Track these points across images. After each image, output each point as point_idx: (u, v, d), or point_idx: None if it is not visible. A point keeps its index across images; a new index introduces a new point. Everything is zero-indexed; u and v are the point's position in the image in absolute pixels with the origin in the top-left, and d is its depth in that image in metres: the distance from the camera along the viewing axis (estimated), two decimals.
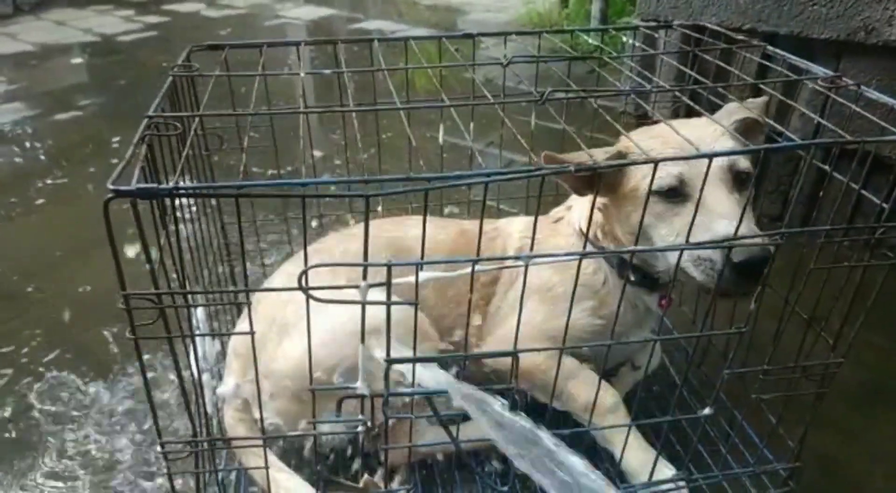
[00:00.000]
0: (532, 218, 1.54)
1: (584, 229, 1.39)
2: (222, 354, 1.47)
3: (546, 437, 1.07)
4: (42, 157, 3.30)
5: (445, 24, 5.84)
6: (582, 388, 1.37)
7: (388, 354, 1.02)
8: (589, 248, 1.36)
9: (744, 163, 1.20)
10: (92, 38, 5.66)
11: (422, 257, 0.96)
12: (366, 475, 1.30)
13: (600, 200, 1.33)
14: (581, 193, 1.28)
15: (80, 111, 3.92)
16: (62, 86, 4.43)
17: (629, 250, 1.09)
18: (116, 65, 4.86)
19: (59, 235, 2.55)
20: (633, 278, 1.32)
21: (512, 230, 1.56)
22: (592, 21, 4.55)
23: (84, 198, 2.82)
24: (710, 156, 0.98)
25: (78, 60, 5.07)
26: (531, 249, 1.05)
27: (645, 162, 1.01)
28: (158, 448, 1.07)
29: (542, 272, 1.44)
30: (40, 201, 2.84)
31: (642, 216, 1.11)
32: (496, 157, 1.80)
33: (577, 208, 1.48)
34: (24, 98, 4.18)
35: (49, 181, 3.00)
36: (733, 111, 1.33)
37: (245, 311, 1.44)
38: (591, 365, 1.43)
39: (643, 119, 2.64)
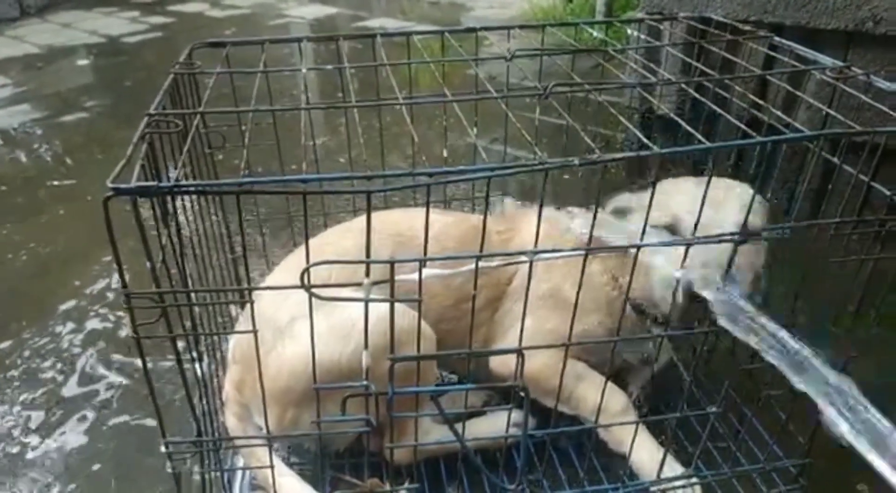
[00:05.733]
0: (549, 217, 1.53)
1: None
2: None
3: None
4: (49, 158, 3.31)
5: (449, 20, 5.82)
6: (591, 392, 1.36)
7: (392, 351, 1.02)
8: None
9: (757, 220, 1.19)
10: (97, 39, 5.67)
11: (425, 253, 0.95)
12: (373, 479, 1.30)
13: None
14: None
15: (86, 112, 3.93)
16: (68, 87, 4.44)
17: (636, 245, 1.08)
18: (122, 66, 4.87)
19: (66, 235, 2.56)
20: None
21: (532, 233, 1.53)
22: (597, 15, 4.53)
23: (91, 198, 2.82)
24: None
25: (84, 62, 5.08)
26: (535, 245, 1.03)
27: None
28: (163, 448, 1.06)
29: (554, 279, 1.43)
30: (48, 202, 2.84)
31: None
32: (501, 152, 1.79)
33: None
34: (30, 100, 4.19)
35: (56, 182, 3.01)
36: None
37: (244, 311, 1.43)
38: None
39: (648, 113, 2.62)
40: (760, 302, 1.13)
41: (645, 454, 1.34)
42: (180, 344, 1.01)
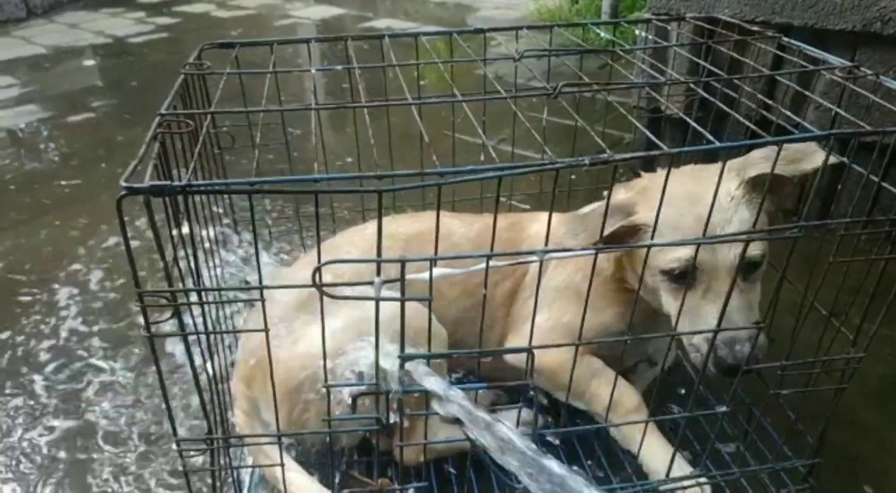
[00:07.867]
0: (564, 216, 1.52)
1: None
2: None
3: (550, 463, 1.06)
4: (55, 158, 3.32)
5: (455, 21, 5.83)
6: (605, 388, 1.36)
7: (402, 350, 1.02)
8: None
9: (756, 250, 1.18)
10: (104, 40, 5.69)
11: (435, 252, 0.95)
12: (383, 479, 1.30)
13: None
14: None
15: (92, 113, 3.94)
16: (75, 88, 4.46)
17: (646, 244, 1.08)
18: (128, 66, 4.89)
19: (73, 235, 2.56)
20: None
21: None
22: (603, 16, 4.52)
23: (97, 198, 2.83)
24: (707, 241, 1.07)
25: (90, 62, 5.10)
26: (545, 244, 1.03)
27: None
28: (174, 446, 1.07)
29: (568, 271, 1.43)
30: (54, 202, 2.86)
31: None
32: (509, 153, 1.79)
33: None
34: (37, 100, 4.21)
35: (62, 182, 3.02)
36: (757, 161, 1.25)
37: (252, 310, 1.44)
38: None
39: (656, 113, 2.62)
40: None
41: (654, 453, 1.34)
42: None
